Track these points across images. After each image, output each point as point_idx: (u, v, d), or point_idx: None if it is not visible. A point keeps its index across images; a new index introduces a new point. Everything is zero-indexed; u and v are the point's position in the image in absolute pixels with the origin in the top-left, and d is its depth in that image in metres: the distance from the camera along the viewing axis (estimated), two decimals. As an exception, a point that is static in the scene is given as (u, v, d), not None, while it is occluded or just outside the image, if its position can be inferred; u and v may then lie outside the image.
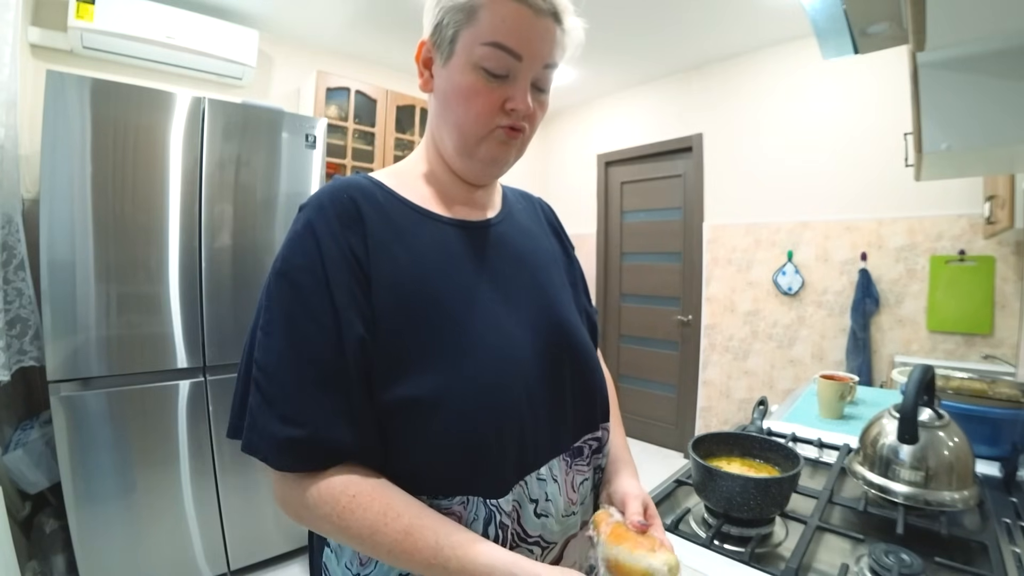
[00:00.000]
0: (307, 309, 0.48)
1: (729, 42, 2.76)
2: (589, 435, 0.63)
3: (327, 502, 0.46)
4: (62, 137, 1.55)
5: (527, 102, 0.54)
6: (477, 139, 0.55)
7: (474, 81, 0.53)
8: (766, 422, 1.26)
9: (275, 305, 0.50)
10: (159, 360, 1.74)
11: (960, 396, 1.11)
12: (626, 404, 3.66)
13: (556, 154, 4.06)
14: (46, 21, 2.06)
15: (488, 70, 0.52)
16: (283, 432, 0.46)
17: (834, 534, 0.77)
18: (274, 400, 0.47)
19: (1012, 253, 2.06)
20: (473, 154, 0.57)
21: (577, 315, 0.66)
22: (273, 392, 0.47)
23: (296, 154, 2.03)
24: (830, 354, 2.56)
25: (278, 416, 0.46)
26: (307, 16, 2.52)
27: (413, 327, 0.51)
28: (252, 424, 0.48)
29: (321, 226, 0.51)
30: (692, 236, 3.15)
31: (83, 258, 1.59)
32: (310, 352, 0.48)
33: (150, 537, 1.73)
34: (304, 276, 0.49)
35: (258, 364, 0.49)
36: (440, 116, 0.58)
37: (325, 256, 0.49)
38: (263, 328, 0.50)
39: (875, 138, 2.38)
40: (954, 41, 0.69)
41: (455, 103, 0.54)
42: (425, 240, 0.55)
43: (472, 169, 0.59)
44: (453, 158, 0.59)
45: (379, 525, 0.45)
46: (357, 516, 0.45)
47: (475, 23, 0.52)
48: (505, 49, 0.51)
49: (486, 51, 0.51)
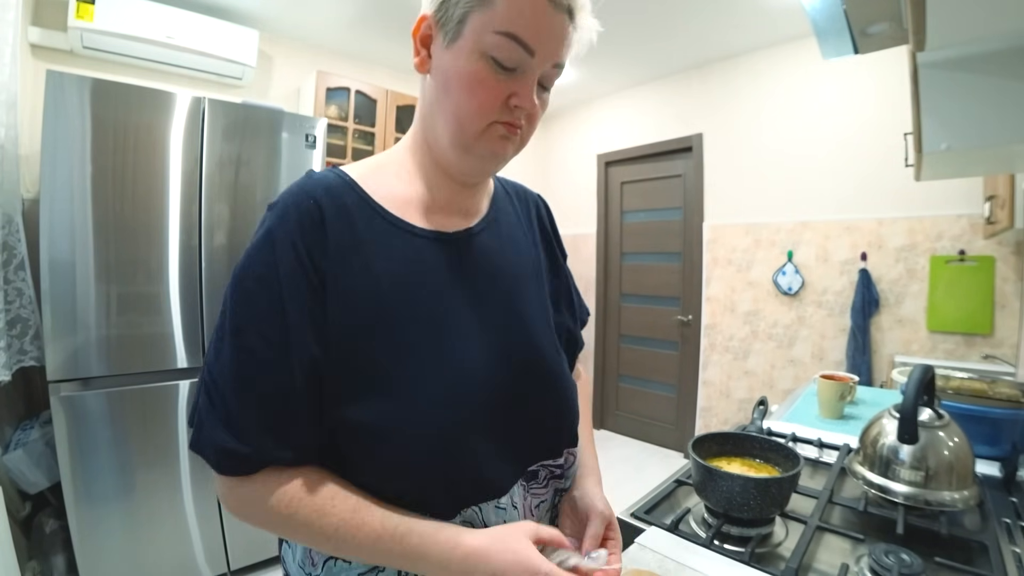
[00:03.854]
0: (258, 323, 0.47)
1: (729, 42, 2.76)
2: (550, 461, 0.61)
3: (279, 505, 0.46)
4: (62, 137, 1.55)
5: (533, 99, 0.51)
6: (476, 133, 0.51)
7: (481, 70, 0.49)
8: (766, 422, 1.26)
9: (229, 313, 0.48)
10: (159, 360, 1.74)
11: (960, 396, 1.11)
12: (626, 404, 3.66)
13: (556, 154, 4.06)
14: (46, 21, 2.06)
15: (498, 61, 0.48)
16: (225, 441, 0.45)
17: (834, 534, 0.77)
18: (218, 407, 0.46)
19: (1012, 253, 2.06)
20: (470, 148, 0.52)
21: (552, 335, 0.63)
22: (218, 399, 0.47)
23: (296, 154, 2.03)
24: (830, 354, 2.56)
25: (222, 423, 0.46)
26: (307, 16, 2.52)
27: (366, 348, 0.48)
28: (199, 425, 0.47)
29: (281, 235, 0.48)
30: (692, 236, 3.15)
31: (83, 258, 1.59)
32: (256, 367, 0.47)
33: (150, 537, 1.73)
34: (258, 287, 0.48)
35: (209, 368, 0.48)
36: (436, 103, 0.53)
37: (281, 268, 0.47)
38: (217, 333, 0.49)
39: (875, 138, 2.38)
40: (954, 41, 0.69)
41: (457, 90, 0.50)
42: (393, 254, 0.51)
43: (466, 164, 0.55)
44: (446, 151, 0.54)
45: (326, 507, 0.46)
46: (305, 502, 0.46)
47: (490, 7, 0.47)
48: (519, 41, 0.48)
49: (499, 40, 0.47)
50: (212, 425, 0.46)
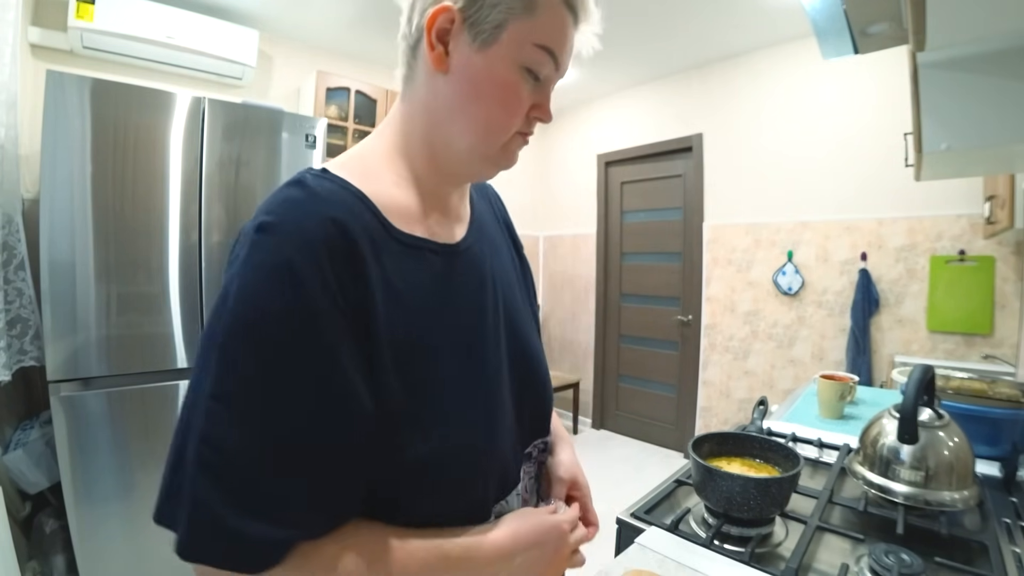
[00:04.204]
0: (295, 375, 0.38)
1: (729, 42, 2.76)
2: (540, 440, 0.64)
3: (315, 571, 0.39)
4: (62, 137, 1.55)
5: (550, 111, 0.51)
6: (502, 143, 0.49)
7: (518, 81, 0.47)
8: (766, 422, 1.26)
9: (242, 368, 0.38)
10: (159, 360, 1.74)
11: (960, 396, 1.11)
12: (626, 404, 3.66)
13: (556, 154, 4.06)
14: (46, 21, 2.06)
15: (534, 73, 0.48)
16: (257, 531, 0.36)
17: (834, 534, 0.77)
18: (239, 493, 0.36)
19: (1012, 253, 2.06)
20: (489, 156, 0.50)
21: (536, 330, 0.65)
22: (237, 483, 0.37)
23: (296, 154, 2.03)
24: (830, 354, 2.56)
25: (248, 513, 0.36)
26: (307, 16, 2.52)
27: (412, 387, 0.44)
28: (200, 520, 0.36)
29: (303, 263, 0.39)
30: (692, 236, 3.15)
31: (83, 258, 1.59)
32: (304, 432, 0.38)
33: (150, 537, 1.73)
34: (286, 331, 0.38)
35: (211, 443, 0.37)
36: (459, 107, 0.48)
37: (313, 305, 0.39)
38: (217, 397, 0.38)
39: (875, 138, 2.38)
40: (954, 41, 0.69)
41: (490, 98, 0.47)
42: (415, 278, 0.47)
43: (477, 170, 0.53)
44: (459, 156, 0.50)
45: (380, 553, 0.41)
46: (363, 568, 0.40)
47: (531, 18, 0.45)
48: (553, 56, 0.47)
49: (538, 54, 0.47)
50: (230, 516, 0.36)
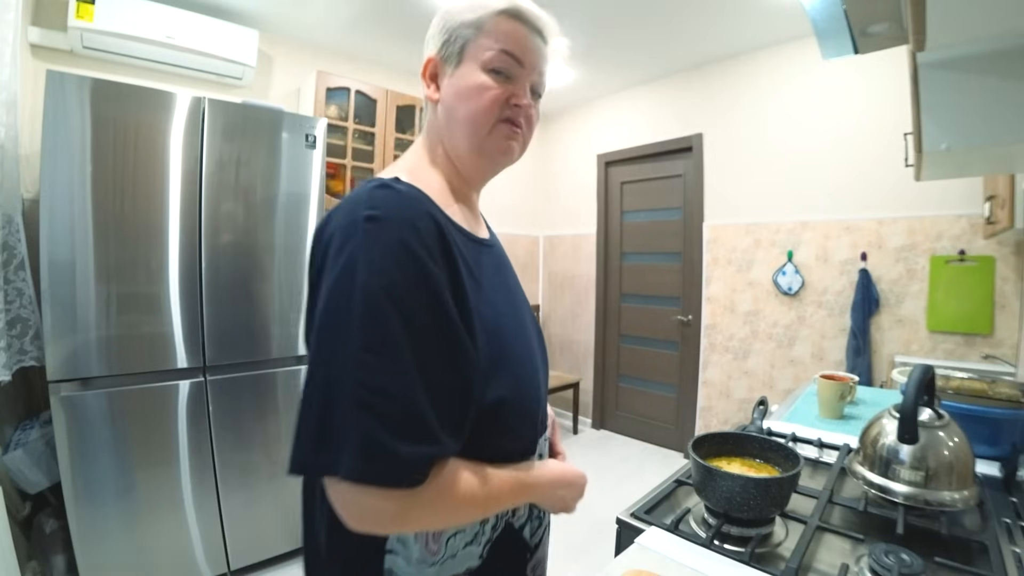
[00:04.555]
0: (429, 326, 0.49)
1: (729, 42, 2.76)
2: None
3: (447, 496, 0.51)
4: (62, 137, 1.55)
5: (528, 99, 0.63)
6: (487, 131, 0.61)
7: (485, 79, 0.60)
8: (766, 422, 1.26)
9: (385, 325, 0.47)
10: (159, 360, 1.74)
11: (960, 396, 1.11)
12: (626, 404, 3.66)
13: (556, 154, 4.06)
14: (46, 21, 2.06)
15: (497, 70, 0.60)
16: (415, 453, 0.46)
17: (834, 534, 0.77)
18: (400, 423, 0.46)
19: (1012, 253, 2.06)
20: (483, 148, 0.62)
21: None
22: (398, 415, 0.46)
23: (296, 154, 2.03)
24: (830, 354, 2.56)
25: (413, 438, 0.46)
26: (307, 16, 2.52)
27: (489, 344, 0.56)
28: (371, 452, 0.45)
29: (416, 244, 0.50)
30: (692, 236, 3.16)
31: (83, 258, 1.59)
32: (439, 368, 0.49)
33: (150, 537, 1.73)
34: (414, 293, 0.49)
35: (369, 387, 0.46)
36: (452, 117, 0.62)
37: (431, 277, 0.50)
38: (368, 350, 0.46)
39: (875, 138, 2.38)
40: (954, 41, 0.69)
41: (467, 99, 0.60)
42: (477, 260, 0.61)
43: (483, 164, 0.65)
44: (465, 156, 0.63)
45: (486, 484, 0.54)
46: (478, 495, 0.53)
47: (482, 35, 0.61)
48: (511, 55, 0.61)
49: (495, 55, 0.60)
50: (393, 445, 0.45)
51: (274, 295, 1.98)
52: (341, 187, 2.63)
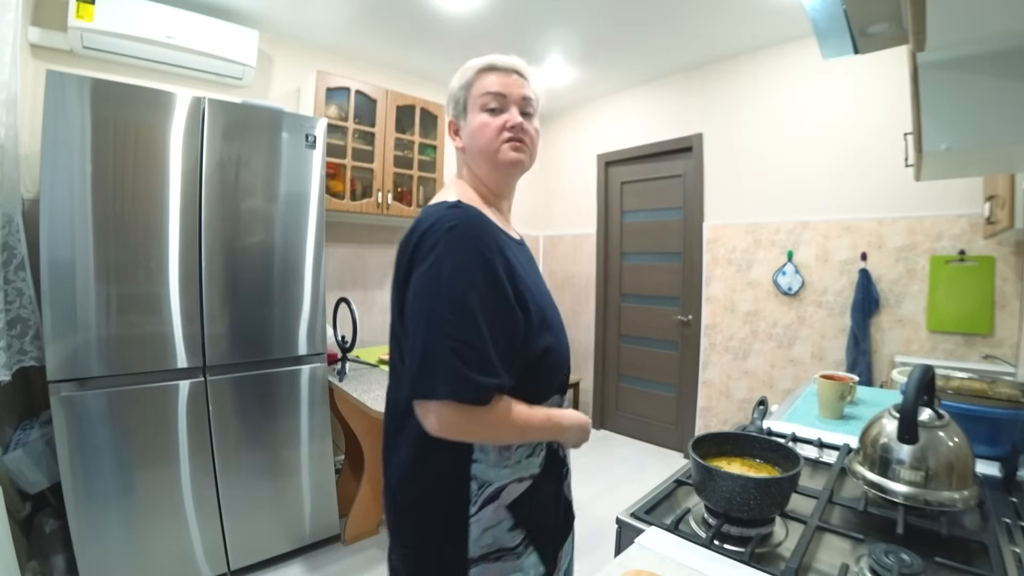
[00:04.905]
0: (496, 300, 0.73)
1: (729, 42, 2.76)
2: None
3: (505, 418, 0.73)
4: (62, 137, 1.55)
5: (518, 119, 0.84)
6: (495, 149, 0.83)
7: (484, 117, 0.84)
8: (766, 422, 1.26)
9: (467, 298, 0.70)
10: (159, 360, 1.74)
11: (960, 396, 1.11)
12: (626, 404, 3.66)
13: (556, 154, 4.06)
14: (46, 21, 2.06)
15: (491, 108, 0.84)
16: (487, 383, 0.69)
17: (834, 534, 0.77)
18: (479, 364, 0.69)
19: (1012, 253, 2.06)
20: (497, 163, 0.84)
21: None
22: (478, 359, 0.69)
23: (296, 154, 2.03)
24: (830, 354, 2.56)
25: (485, 373, 0.69)
26: (307, 16, 2.52)
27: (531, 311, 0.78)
28: (459, 381, 0.68)
29: (482, 245, 0.74)
30: (692, 236, 3.15)
31: (83, 258, 1.59)
32: (499, 329, 0.72)
33: (150, 537, 1.73)
34: (490, 279, 0.73)
35: (459, 339, 0.69)
36: (472, 155, 0.86)
37: (491, 265, 0.73)
38: (458, 313, 0.69)
39: (875, 138, 2.38)
40: (954, 41, 0.69)
41: (477, 135, 0.84)
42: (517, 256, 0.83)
43: (501, 176, 0.87)
44: (488, 174, 0.86)
45: (528, 413, 0.77)
46: (525, 413, 0.76)
47: (473, 89, 0.85)
48: (495, 95, 0.84)
49: (485, 98, 0.84)
50: (475, 376, 0.68)
51: (274, 295, 1.98)
52: (341, 187, 2.63)
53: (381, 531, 2.34)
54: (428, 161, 3.02)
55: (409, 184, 2.94)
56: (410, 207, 2.92)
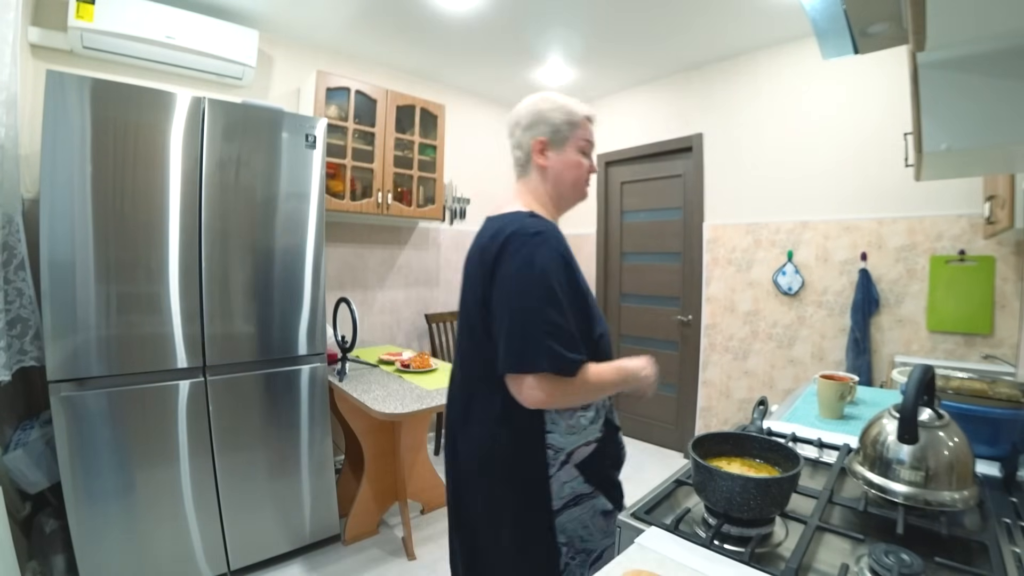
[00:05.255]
0: (569, 295, 0.93)
1: (729, 42, 2.76)
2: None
3: (585, 382, 0.93)
4: (62, 137, 1.55)
5: (595, 166, 1.12)
6: (581, 186, 1.10)
7: (580, 158, 1.08)
8: (766, 422, 1.26)
9: (555, 290, 0.90)
10: (159, 360, 1.74)
11: (960, 396, 1.11)
12: (626, 404, 3.65)
13: (556, 154, 4.06)
14: (46, 21, 2.06)
15: (585, 153, 1.09)
16: (573, 358, 0.90)
17: (834, 534, 0.77)
18: (566, 343, 0.89)
19: (1012, 253, 2.06)
20: (577, 196, 1.11)
21: None
22: (566, 339, 0.90)
23: (296, 154, 2.03)
24: (830, 354, 2.56)
25: (573, 350, 0.90)
26: (307, 16, 2.52)
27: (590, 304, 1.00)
28: (554, 357, 0.88)
29: (562, 249, 0.95)
30: (692, 236, 3.15)
31: (83, 258, 1.59)
32: (575, 317, 0.93)
33: (150, 537, 1.73)
34: (564, 276, 0.93)
35: (553, 324, 0.89)
36: (556, 181, 1.07)
37: (569, 265, 0.95)
38: (549, 302, 0.89)
39: (875, 138, 2.38)
40: (954, 41, 0.69)
41: (572, 169, 1.07)
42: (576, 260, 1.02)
43: (573, 203, 1.12)
44: (567, 200, 1.11)
45: (600, 374, 0.97)
46: (596, 376, 0.96)
47: (578, 130, 1.07)
48: (589, 142, 1.09)
49: (585, 144, 1.08)
50: (566, 352, 0.89)
51: (274, 295, 1.98)
52: (341, 187, 2.63)
53: (381, 531, 2.34)
54: (428, 161, 3.03)
55: (409, 184, 2.94)
56: (410, 207, 2.92)
